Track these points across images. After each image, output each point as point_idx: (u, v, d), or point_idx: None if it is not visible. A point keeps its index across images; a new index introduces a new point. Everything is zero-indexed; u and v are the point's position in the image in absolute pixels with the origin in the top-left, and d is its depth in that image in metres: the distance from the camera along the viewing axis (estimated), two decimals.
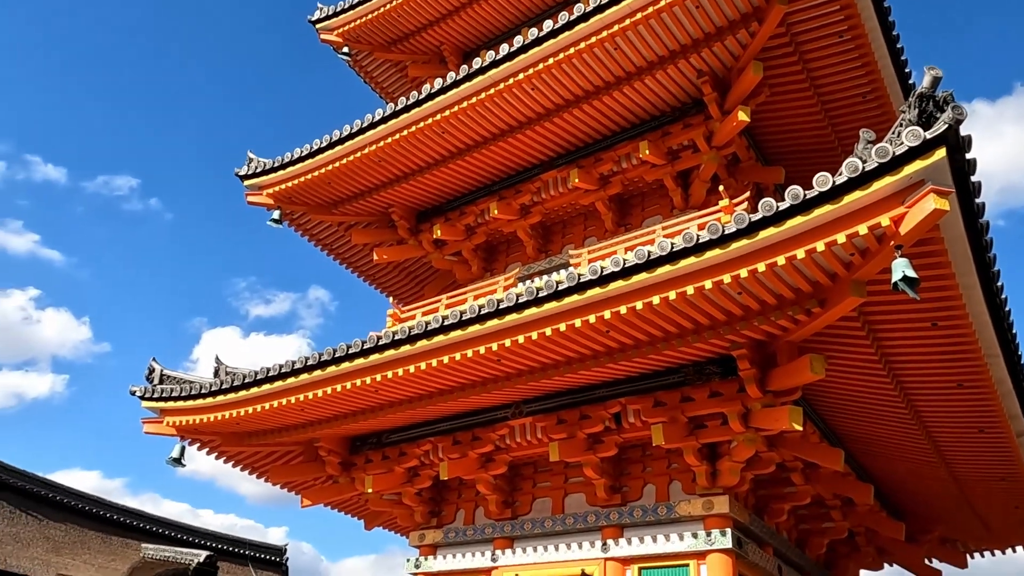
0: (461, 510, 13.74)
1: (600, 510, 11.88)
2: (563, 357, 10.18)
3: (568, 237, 15.66)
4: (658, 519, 11.25)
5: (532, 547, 12.34)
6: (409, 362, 10.60)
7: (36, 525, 23.97)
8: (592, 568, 11.52)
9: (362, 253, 17.63)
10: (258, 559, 31.47)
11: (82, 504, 26.77)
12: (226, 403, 12.66)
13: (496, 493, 12.89)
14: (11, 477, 25.18)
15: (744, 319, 9.12)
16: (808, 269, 8.21)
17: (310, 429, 13.04)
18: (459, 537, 13.29)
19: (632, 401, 11.17)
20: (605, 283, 8.95)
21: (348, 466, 14.07)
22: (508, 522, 12.81)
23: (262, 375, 12.08)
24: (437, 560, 13.33)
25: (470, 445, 12.69)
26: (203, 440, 13.96)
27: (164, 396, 13.55)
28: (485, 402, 12.04)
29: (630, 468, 12.06)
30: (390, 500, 14.11)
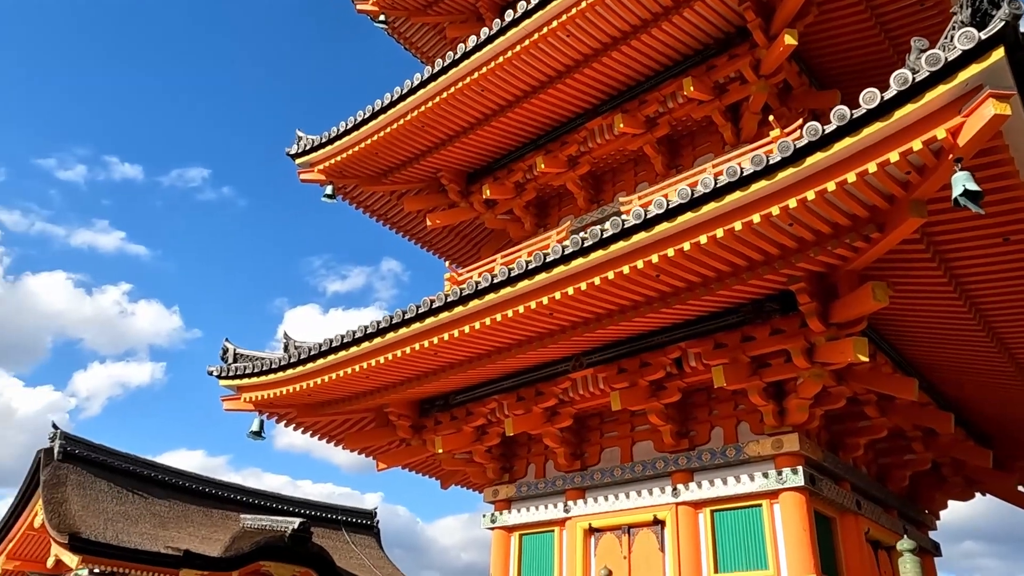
0: (531, 464, 13.91)
1: (668, 456, 11.82)
2: (616, 306, 10.06)
3: (619, 185, 15.39)
4: (727, 461, 11.12)
5: (603, 496, 12.41)
6: (463, 323, 10.68)
7: (143, 503, 25.54)
8: (664, 513, 11.52)
9: (416, 220, 17.77)
10: (350, 523, 32.75)
11: (183, 481, 28.33)
12: (295, 376, 13.09)
13: (564, 446, 12.98)
14: (118, 460, 26.83)
15: (799, 251, 8.80)
16: (862, 193, 7.83)
17: (377, 396, 13.35)
18: (531, 491, 13.48)
19: (692, 345, 10.98)
20: (650, 226, 8.76)
21: (418, 428, 14.39)
22: (578, 473, 12.90)
23: (325, 346, 12.41)
24: (512, 514, 13.57)
25: (534, 400, 12.77)
26: (279, 413, 14.51)
27: (238, 374, 14.11)
28: (544, 357, 12.06)
29: (696, 412, 11.93)
30: (462, 459, 14.39)
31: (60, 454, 24.78)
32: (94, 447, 26.36)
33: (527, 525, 13.32)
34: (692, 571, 10.87)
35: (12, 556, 24.91)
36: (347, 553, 29.44)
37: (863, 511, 11.69)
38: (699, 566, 10.89)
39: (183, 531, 24.84)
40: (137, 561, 21.55)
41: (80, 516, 22.29)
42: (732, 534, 10.83)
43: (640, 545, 11.72)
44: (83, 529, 21.40)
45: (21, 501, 24.81)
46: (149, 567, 22.00)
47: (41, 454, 24.84)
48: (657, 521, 11.61)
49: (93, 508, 23.32)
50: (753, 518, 10.72)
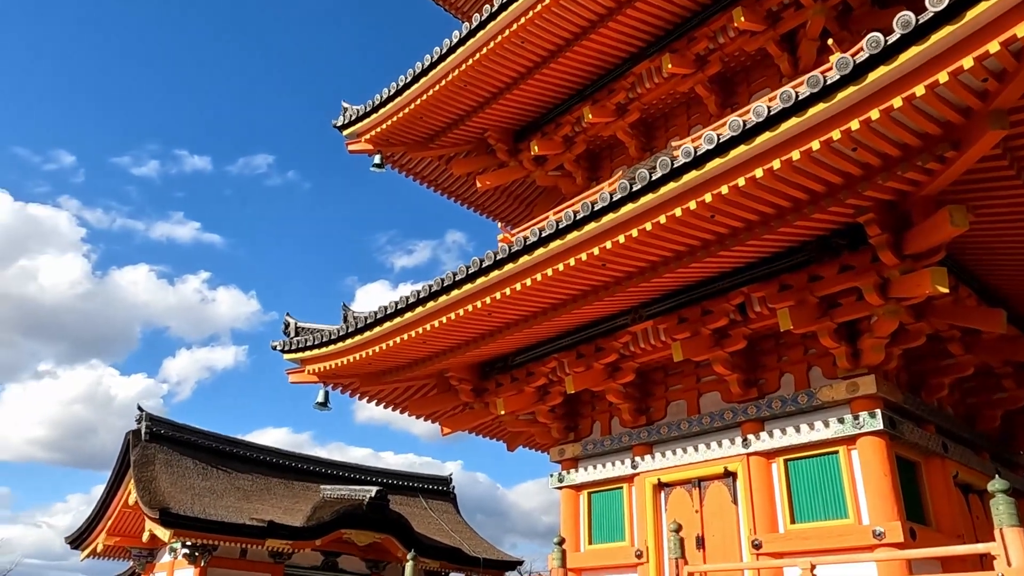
0: (596, 422, 13.67)
1: (737, 406, 11.37)
2: (670, 252, 9.62)
3: (672, 130, 14.76)
4: (800, 408, 10.61)
5: (671, 450, 12.08)
6: (514, 280, 10.42)
7: (227, 478, 26.54)
8: (735, 465, 11.12)
9: (465, 183, 17.55)
10: (427, 490, 33.35)
11: (264, 456, 29.31)
12: (354, 345, 13.13)
13: (628, 401, 12.67)
14: (200, 438, 27.92)
15: (865, 179, 8.16)
16: (933, 107, 7.15)
17: (436, 361, 13.29)
18: (597, 448, 13.25)
19: (755, 288, 10.45)
20: (701, 164, 8.26)
21: (480, 392, 14.31)
22: (644, 428, 12.59)
23: (380, 314, 12.38)
24: (579, 472, 13.39)
25: (594, 357, 12.48)
26: (343, 383, 14.65)
27: (300, 347, 14.27)
28: (601, 311, 11.73)
29: (763, 359, 11.42)
30: (526, 420, 14.25)
31: (147, 435, 25.88)
32: (178, 427, 27.45)
33: (595, 483, 13.12)
34: (767, 522, 10.47)
35: (112, 532, 26.30)
36: (425, 519, 29.99)
37: (950, 454, 11.02)
38: (774, 517, 10.48)
39: (266, 503, 25.71)
40: (224, 533, 22.42)
41: (169, 492, 23.29)
42: (808, 483, 10.36)
43: (712, 498, 11.38)
44: (172, 505, 22.35)
45: (115, 481, 26.10)
46: (236, 538, 22.86)
47: (130, 436, 26.01)
48: (728, 473, 11.23)
49: (180, 484, 24.33)
50: (830, 466, 10.22)
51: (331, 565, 26.65)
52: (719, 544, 11.01)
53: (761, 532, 10.45)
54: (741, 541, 10.77)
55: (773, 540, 10.29)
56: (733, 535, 10.91)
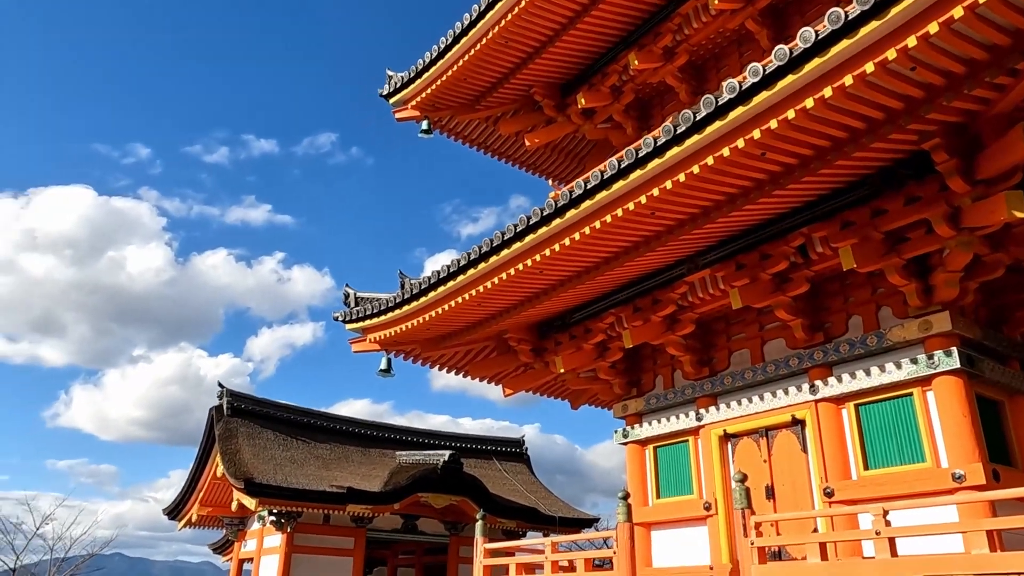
0: (658, 376, 13.45)
1: (803, 352, 10.97)
2: (722, 195, 9.23)
3: (724, 71, 14.13)
4: (869, 351, 10.15)
5: (736, 400, 11.79)
6: (563, 235, 10.22)
7: (306, 448, 27.48)
8: (803, 412, 10.77)
9: (514, 142, 17.31)
10: (500, 452, 33.79)
11: (340, 425, 30.20)
12: (411, 311, 13.23)
13: (689, 353, 12.40)
14: (279, 411, 28.95)
15: (928, 101, 7.60)
16: (999, 15, 6.56)
17: (493, 322, 13.27)
18: (661, 402, 13.05)
19: (815, 228, 9.98)
20: (746, 99, 7.85)
21: (540, 351, 14.25)
22: (707, 380, 12.31)
23: (433, 278, 12.40)
24: (643, 427, 13.24)
25: (651, 310, 12.23)
26: (404, 349, 14.83)
27: (360, 316, 14.48)
28: (656, 263, 11.44)
29: (828, 302, 10.94)
30: (587, 377, 14.15)
31: (229, 410, 26.96)
32: (257, 401, 28.49)
33: (660, 437, 12.95)
34: (839, 470, 10.13)
35: (204, 503, 27.66)
36: (500, 480, 30.43)
37: None
38: (846, 464, 10.12)
39: (345, 470, 26.53)
40: (306, 500, 23.26)
41: (252, 463, 24.27)
42: (881, 428, 9.94)
43: (780, 447, 11.07)
44: (256, 475, 23.30)
45: (203, 455, 27.37)
46: (318, 505, 23.70)
47: (213, 411, 27.15)
48: (796, 421, 10.89)
49: (263, 455, 25.32)
50: (903, 409, 9.77)
51: (411, 528, 27.40)
52: (789, 493, 10.73)
53: (833, 480, 10.12)
54: (812, 490, 10.47)
55: (845, 487, 9.95)
56: (804, 484, 10.60)
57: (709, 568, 11.27)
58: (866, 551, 9.40)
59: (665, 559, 12.29)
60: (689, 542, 11.98)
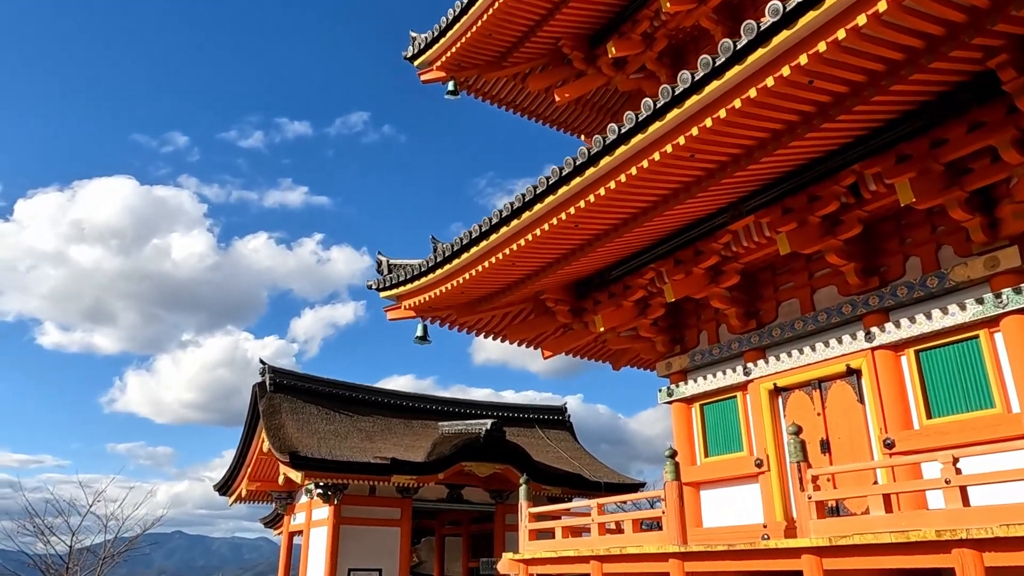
0: (703, 331, 12.96)
1: (856, 298, 10.39)
2: (766, 132, 8.65)
3: (762, 9, 13.35)
4: (929, 292, 9.54)
5: (786, 352, 11.26)
6: (597, 186, 9.74)
7: (349, 421, 27.60)
8: (858, 361, 10.21)
9: (544, 99, 16.77)
10: (543, 420, 33.61)
11: (383, 398, 30.28)
12: (444, 275, 12.91)
13: (734, 306, 11.88)
14: (321, 386, 29.11)
15: (992, 12, 6.93)
16: None
17: (529, 283, 12.88)
18: (706, 358, 12.58)
19: (868, 164, 9.34)
20: (791, 21, 7.25)
21: (578, 312, 13.85)
22: (754, 333, 11.80)
23: (466, 239, 12.04)
24: (688, 385, 12.79)
25: (693, 262, 11.71)
26: (439, 315, 14.54)
27: (393, 283, 14.23)
28: (697, 212, 10.90)
29: (883, 244, 10.32)
30: (628, 336, 13.72)
31: (271, 386, 27.17)
32: (299, 376, 28.67)
33: (706, 394, 12.50)
34: (899, 420, 9.59)
35: (252, 478, 28.06)
36: (543, 448, 30.27)
37: None
38: (907, 413, 9.58)
39: (388, 442, 26.59)
40: (350, 472, 23.36)
41: (296, 437, 24.44)
42: (944, 374, 9.36)
43: (835, 399, 10.55)
44: (300, 448, 23.45)
45: (249, 431, 27.68)
46: (363, 476, 23.80)
47: (256, 388, 27.40)
48: (851, 371, 10.34)
49: (306, 429, 25.48)
50: (969, 352, 9.17)
51: (456, 497, 27.44)
52: (846, 446, 10.23)
53: (893, 430, 9.59)
54: (871, 441, 9.96)
55: (907, 438, 9.41)
56: (861, 436, 10.09)
57: (762, 527, 10.86)
58: (931, 503, 8.91)
59: (715, 519, 11.91)
60: (740, 501, 11.58)
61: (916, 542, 7.22)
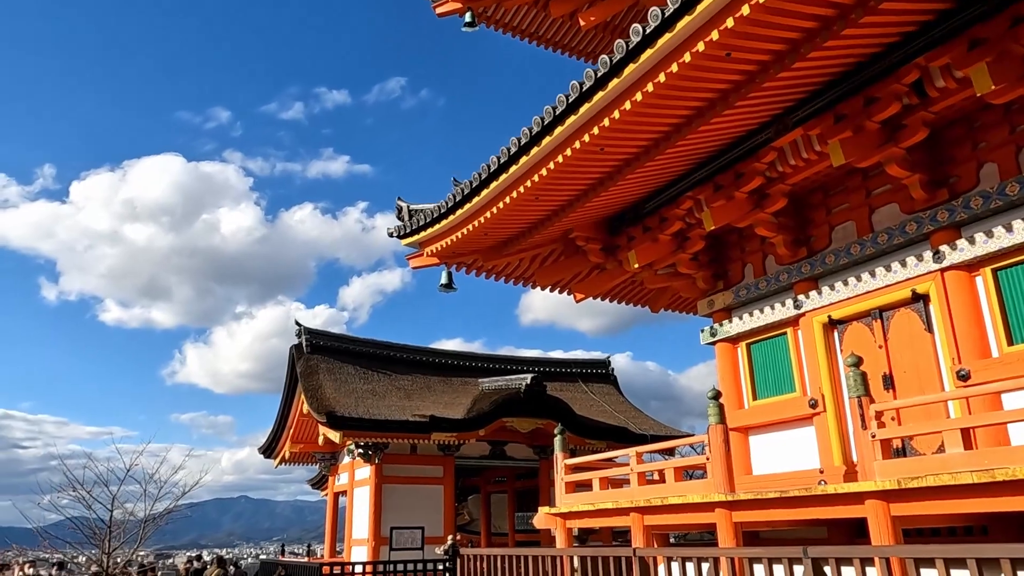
0: (748, 264, 11.88)
1: (922, 214, 9.20)
2: (814, 19, 7.47)
3: None
4: (1009, 202, 8.31)
5: (841, 281, 10.15)
6: (624, 98, 8.66)
7: (387, 380, 27.23)
8: (925, 285, 9.07)
9: (567, 27, 15.53)
10: (586, 374, 32.83)
11: (422, 356, 29.80)
12: (465, 216, 12.05)
13: (782, 233, 10.77)
14: (359, 346, 28.76)
15: None
16: None
17: (556, 219, 11.94)
18: (751, 293, 11.52)
19: (934, 56, 8.08)
20: None
21: (611, 250, 12.87)
22: (805, 262, 10.69)
23: (484, 173, 11.12)
24: (733, 323, 11.77)
25: (734, 185, 10.59)
26: (464, 261, 13.73)
27: (414, 229, 13.43)
28: (736, 127, 9.77)
29: (953, 151, 9.07)
30: (666, 274, 12.70)
31: (308, 347, 26.89)
32: (336, 337, 28.36)
33: (753, 332, 11.47)
34: (974, 348, 8.47)
35: (295, 440, 28.02)
36: (586, 402, 29.54)
37: None
38: (983, 341, 8.45)
39: (427, 400, 26.15)
40: (388, 430, 22.99)
41: (333, 397, 24.13)
42: None
43: (898, 329, 9.44)
44: (337, 408, 23.13)
45: (288, 394, 27.56)
46: (402, 434, 23.41)
47: (293, 350, 27.16)
48: (917, 296, 9.21)
49: (344, 389, 25.17)
50: None
51: (499, 454, 26.97)
52: (912, 381, 9.15)
53: (967, 360, 8.47)
54: (941, 374, 8.87)
55: (985, 367, 8.29)
56: (930, 368, 9.00)
57: (819, 472, 9.89)
58: (1014, 439, 7.84)
59: (766, 465, 10.98)
60: (793, 445, 10.62)
61: (1004, 482, 6.20)
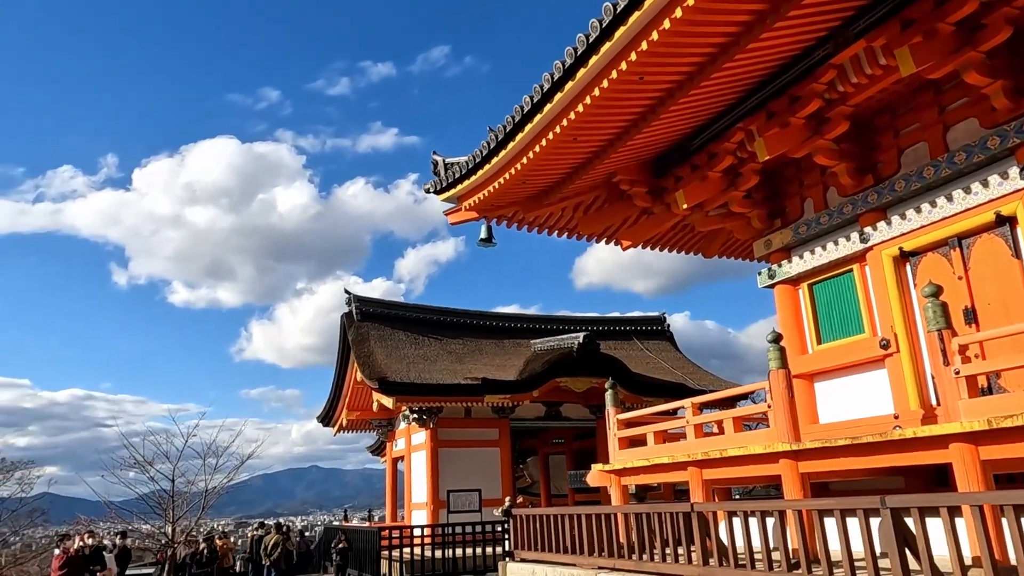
0: (807, 199, 10.99)
1: (1006, 127, 8.20)
2: None
3: None
4: None
5: (913, 209, 9.22)
6: (662, 17, 7.88)
7: (438, 344, 27.02)
8: (1011, 206, 8.12)
9: None
10: (641, 331, 32.09)
11: (472, 320, 29.51)
12: (501, 164, 11.43)
13: (845, 160, 9.86)
14: (409, 311, 28.64)
15: None
16: None
17: (597, 163, 11.21)
18: (812, 229, 10.65)
19: None
20: None
21: (658, 193, 12.11)
22: (871, 190, 9.77)
23: (517, 115, 10.46)
24: (793, 263, 10.94)
25: (788, 111, 9.68)
26: (504, 213, 13.16)
27: (450, 183, 12.88)
28: (789, 44, 8.85)
29: None
30: (718, 215, 11.90)
31: (358, 315, 26.86)
32: (385, 303, 28.26)
33: (815, 271, 10.63)
34: None
35: (351, 408, 28.19)
36: (642, 359, 28.87)
37: None
38: None
39: (479, 363, 25.87)
40: (440, 394, 22.82)
41: (385, 363, 24.05)
42: None
43: (980, 257, 8.51)
44: (388, 373, 23.04)
45: (341, 362, 27.64)
46: (455, 398, 23.23)
47: (343, 318, 27.16)
48: (1002, 220, 8.26)
49: (395, 355, 25.07)
50: None
51: (554, 414, 26.62)
52: (998, 313, 8.24)
53: None
54: None
55: None
56: (1018, 298, 8.08)
57: (893, 417, 9.10)
58: None
59: (833, 413, 10.22)
60: (863, 390, 9.82)
61: None
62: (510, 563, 11.89)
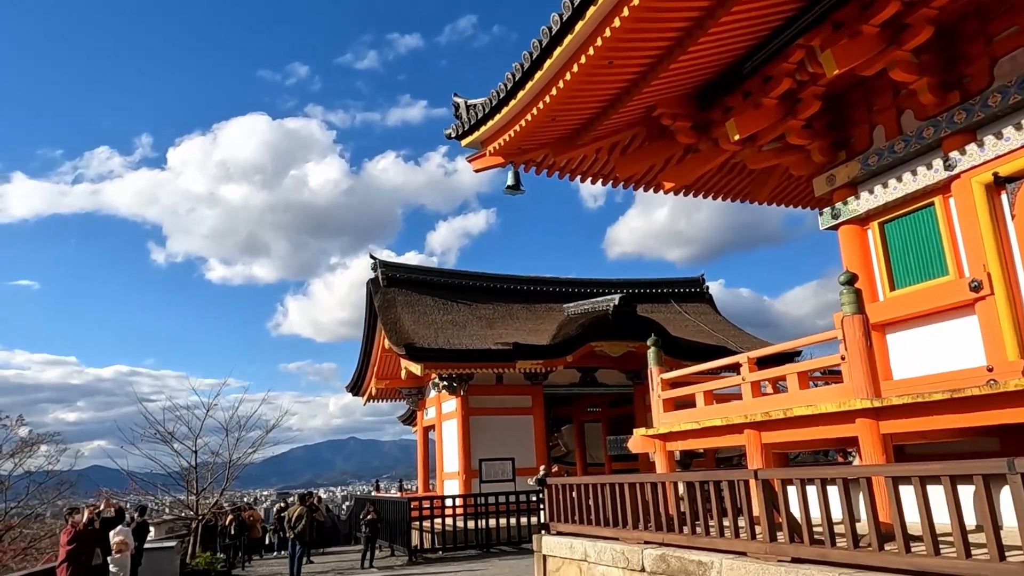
0: (877, 125, 9.66)
1: None
2: None
3: None
4: None
5: (1013, 126, 7.89)
6: None
7: (467, 309, 26.09)
8: None
9: None
10: (679, 294, 30.80)
11: (503, 284, 28.48)
12: (528, 98, 10.26)
13: (926, 75, 8.51)
14: (436, 276, 27.71)
15: None
16: None
17: (636, 92, 9.97)
18: (884, 159, 9.34)
19: None
20: None
21: (704, 127, 10.85)
22: (958, 108, 8.43)
23: (545, 38, 9.25)
24: (861, 199, 9.65)
25: (859, 19, 8.34)
26: (532, 158, 11.99)
27: (472, 125, 11.74)
28: None
29: None
30: (772, 150, 10.62)
31: (384, 280, 26.00)
32: (411, 268, 27.37)
33: (887, 208, 9.34)
34: None
35: (380, 377, 27.48)
36: (680, 322, 27.64)
37: None
38: None
39: (510, 328, 24.90)
40: (470, 360, 21.91)
41: (412, 329, 23.18)
42: None
43: None
44: (416, 339, 22.17)
45: (369, 329, 26.87)
46: (487, 364, 22.32)
47: (370, 284, 26.33)
48: None
49: (423, 321, 24.19)
50: None
51: (589, 381, 25.59)
52: None
53: None
54: None
55: None
56: None
57: (987, 370, 7.86)
58: None
59: (910, 368, 8.99)
60: (947, 340, 8.59)
61: None
62: (546, 536, 10.94)
